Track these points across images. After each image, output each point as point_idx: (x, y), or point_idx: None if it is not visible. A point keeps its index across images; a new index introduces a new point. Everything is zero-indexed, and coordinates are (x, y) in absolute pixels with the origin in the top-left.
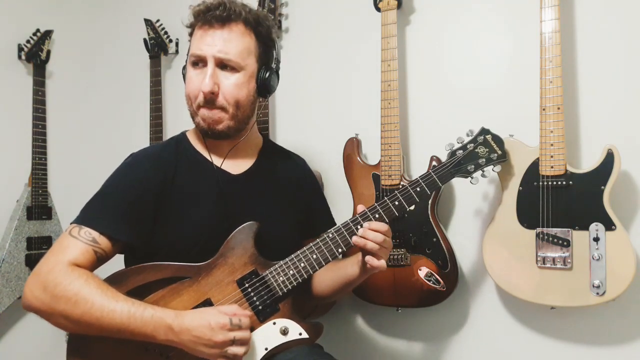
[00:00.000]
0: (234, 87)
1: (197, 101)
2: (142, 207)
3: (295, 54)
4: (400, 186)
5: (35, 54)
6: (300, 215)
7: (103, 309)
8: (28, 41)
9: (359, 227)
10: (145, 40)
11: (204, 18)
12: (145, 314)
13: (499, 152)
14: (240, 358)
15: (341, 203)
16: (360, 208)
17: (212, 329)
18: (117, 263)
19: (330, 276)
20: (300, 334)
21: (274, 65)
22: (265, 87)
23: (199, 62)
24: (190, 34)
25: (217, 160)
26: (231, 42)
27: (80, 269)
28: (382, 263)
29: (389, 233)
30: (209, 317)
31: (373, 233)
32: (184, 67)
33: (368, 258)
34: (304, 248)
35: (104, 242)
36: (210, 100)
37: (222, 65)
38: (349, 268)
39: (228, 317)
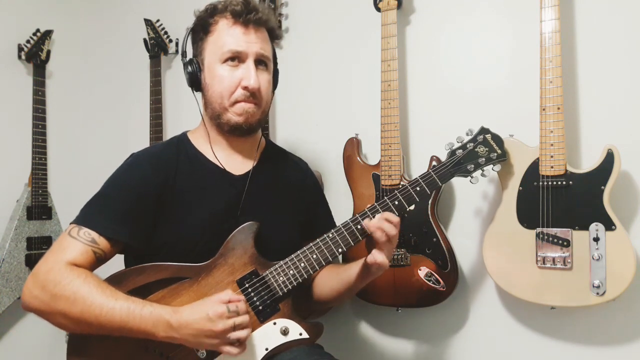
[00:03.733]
0: (267, 83)
1: (235, 96)
2: (142, 207)
3: (295, 54)
4: (400, 186)
5: (35, 54)
6: (301, 217)
7: (102, 307)
8: (28, 41)
9: (358, 226)
10: (145, 40)
11: (243, 19)
12: (144, 311)
13: (499, 151)
14: (244, 341)
15: (341, 203)
16: None
17: (211, 320)
18: (117, 263)
19: (333, 279)
20: (300, 334)
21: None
22: (275, 87)
23: (235, 58)
24: (205, 31)
25: (223, 163)
26: (265, 43)
27: (78, 268)
28: (384, 259)
29: (398, 226)
30: (206, 309)
31: (387, 223)
32: (193, 63)
33: (374, 252)
34: (304, 248)
35: (103, 242)
36: (252, 95)
37: (257, 63)
38: (351, 270)
39: (224, 305)
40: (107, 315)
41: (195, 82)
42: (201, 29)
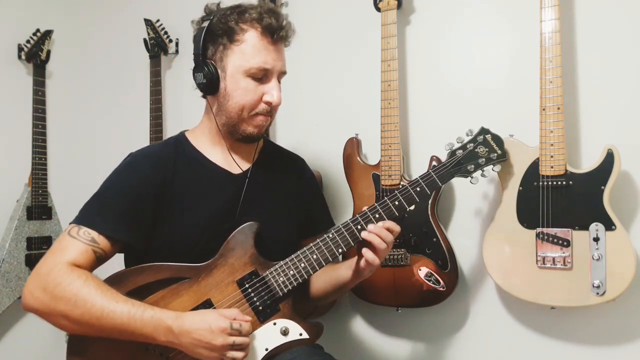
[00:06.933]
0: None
1: (257, 110)
2: (141, 207)
3: (295, 54)
4: (400, 186)
5: (35, 54)
6: (299, 215)
7: (103, 309)
8: (28, 41)
9: (359, 227)
10: (145, 40)
11: (277, 35)
12: (145, 315)
13: (499, 151)
14: None
15: (341, 203)
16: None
17: (212, 332)
18: (117, 263)
19: (324, 277)
20: (300, 335)
21: None
22: None
23: (261, 73)
24: (230, 38)
25: (222, 162)
26: (284, 58)
27: (79, 269)
28: (377, 259)
29: (396, 235)
30: (210, 320)
31: (385, 231)
32: (210, 66)
33: (365, 250)
34: (304, 248)
35: (103, 242)
36: (272, 110)
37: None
38: (342, 271)
39: (228, 321)
40: (108, 317)
41: (213, 87)
42: (225, 33)
